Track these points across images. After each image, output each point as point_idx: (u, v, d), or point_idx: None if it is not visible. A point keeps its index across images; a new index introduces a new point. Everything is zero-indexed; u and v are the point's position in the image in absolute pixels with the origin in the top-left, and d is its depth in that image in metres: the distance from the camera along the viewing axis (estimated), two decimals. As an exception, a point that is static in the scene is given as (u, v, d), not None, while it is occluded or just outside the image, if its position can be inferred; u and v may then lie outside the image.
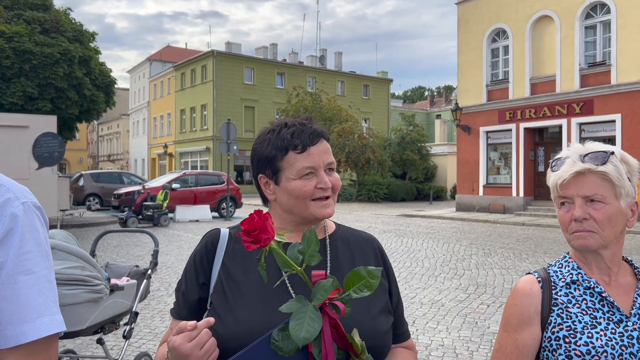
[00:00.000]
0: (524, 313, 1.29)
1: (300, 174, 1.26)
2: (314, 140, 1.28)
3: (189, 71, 42.83)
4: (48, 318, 0.98)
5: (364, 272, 1.05)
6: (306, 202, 1.27)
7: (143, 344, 5.02)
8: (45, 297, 0.99)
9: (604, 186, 1.24)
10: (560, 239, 13.08)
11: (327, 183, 1.27)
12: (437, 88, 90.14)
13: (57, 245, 3.09)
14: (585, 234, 1.24)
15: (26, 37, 15.79)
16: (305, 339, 0.98)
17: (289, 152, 1.27)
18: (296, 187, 1.26)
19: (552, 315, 1.27)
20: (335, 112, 30.44)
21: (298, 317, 1.00)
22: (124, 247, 11.47)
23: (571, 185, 1.25)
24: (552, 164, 1.32)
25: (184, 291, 1.32)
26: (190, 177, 20.70)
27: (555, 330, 1.25)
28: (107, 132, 66.48)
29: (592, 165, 1.24)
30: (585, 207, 1.24)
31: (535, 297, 1.29)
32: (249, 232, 0.99)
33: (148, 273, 3.76)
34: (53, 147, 11.99)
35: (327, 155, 1.30)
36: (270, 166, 1.30)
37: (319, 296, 1.02)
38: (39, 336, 0.95)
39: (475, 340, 5.18)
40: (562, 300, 1.28)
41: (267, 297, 1.22)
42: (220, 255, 1.31)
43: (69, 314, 3.03)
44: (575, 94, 18.30)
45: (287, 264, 1.04)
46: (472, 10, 21.95)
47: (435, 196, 30.57)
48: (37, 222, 1.01)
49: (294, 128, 1.29)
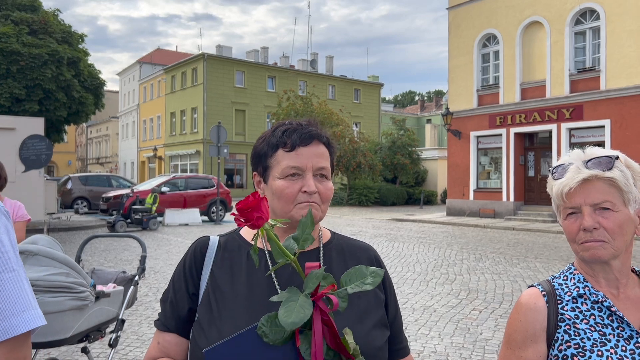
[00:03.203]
0: (528, 329, 1.22)
1: (285, 173, 1.19)
2: (305, 141, 1.21)
3: (179, 74, 42.65)
4: (33, 312, 1.04)
5: (366, 271, 1.00)
6: (289, 204, 1.20)
7: (130, 351, 4.91)
8: (27, 293, 1.05)
9: (612, 193, 1.17)
10: (551, 243, 13.11)
11: (311, 187, 1.18)
12: (427, 93, 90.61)
13: (41, 251, 2.99)
14: (596, 244, 1.17)
15: (14, 38, 15.60)
16: (294, 324, 0.91)
17: (278, 150, 1.22)
18: (279, 187, 1.20)
19: (559, 331, 1.20)
20: (326, 116, 30.43)
21: (288, 304, 0.95)
22: (112, 251, 11.32)
23: (578, 193, 1.18)
24: (552, 171, 1.25)
25: (172, 301, 1.25)
26: (180, 181, 20.55)
27: (563, 347, 1.18)
28: (96, 135, 65.98)
29: (598, 171, 1.17)
30: (595, 216, 1.17)
31: (540, 313, 1.22)
32: (242, 210, 0.95)
33: (135, 279, 3.66)
34: (40, 150, 11.83)
35: (318, 159, 1.21)
36: (261, 163, 1.25)
37: (311, 284, 0.97)
38: (27, 329, 1.02)
39: (468, 347, 5.13)
40: (569, 316, 1.21)
41: (254, 309, 1.15)
42: (209, 264, 1.24)
43: (52, 322, 2.93)
44: (565, 99, 18.41)
45: (280, 253, 0.98)
46: (463, 16, 22.04)
47: (425, 200, 30.64)
48: (8, 225, 1.07)
49: (289, 126, 1.24)
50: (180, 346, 1.24)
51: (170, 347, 1.24)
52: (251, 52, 44.44)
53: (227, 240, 1.28)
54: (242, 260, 1.23)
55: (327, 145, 1.26)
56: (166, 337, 1.24)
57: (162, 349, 1.24)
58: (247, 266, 1.22)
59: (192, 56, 41.35)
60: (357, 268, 1.01)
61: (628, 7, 16.91)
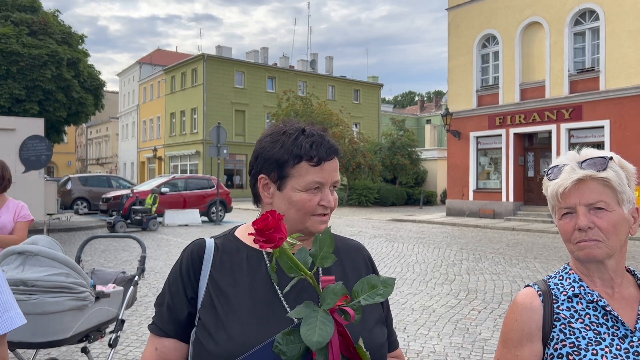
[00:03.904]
0: (524, 329, 1.23)
1: (308, 187, 1.20)
2: (329, 156, 1.22)
3: (179, 74, 42.67)
4: (14, 312, 1.08)
5: (377, 280, 1.01)
6: (306, 216, 1.22)
7: (130, 352, 4.93)
8: (7, 295, 1.09)
9: (606, 193, 1.19)
10: (550, 244, 13.12)
11: (331, 202, 1.23)
12: (427, 93, 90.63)
13: (41, 251, 3.00)
14: (591, 244, 1.19)
15: (14, 38, 15.61)
16: (319, 343, 0.93)
17: (302, 162, 1.20)
18: (301, 200, 1.21)
19: (555, 330, 1.21)
20: (325, 117, 30.45)
21: (309, 321, 0.96)
22: (111, 251, 11.33)
23: (572, 193, 1.20)
24: (548, 172, 1.27)
25: (170, 305, 1.23)
26: (180, 181, 20.55)
27: (558, 346, 1.20)
28: (96, 136, 66.00)
29: (592, 171, 1.19)
30: (589, 216, 1.18)
31: (536, 312, 1.23)
32: (262, 231, 0.95)
33: (135, 280, 3.68)
34: (40, 151, 11.84)
35: (335, 173, 1.25)
36: (277, 170, 1.22)
37: (329, 300, 0.98)
38: (11, 328, 1.06)
39: (467, 347, 5.14)
40: (564, 315, 1.22)
41: (259, 311, 1.16)
42: (207, 267, 1.23)
43: (52, 322, 2.95)
44: (565, 99, 18.43)
45: (294, 269, 0.99)
46: (463, 16, 22.06)
47: (425, 201, 30.64)
48: None
49: (314, 138, 1.22)
50: (180, 351, 1.22)
51: (169, 352, 1.22)
52: (251, 52, 44.46)
53: (223, 243, 1.27)
54: (242, 263, 1.23)
55: (339, 157, 1.28)
56: (164, 343, 1.22)
57: (161, 355, 1.22)
58: (248, 268, 1.22)
59: (192, 57, 41.39)
60: (368, 278, 1.02)
61: (627, 8, 16.93)
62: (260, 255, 1.24)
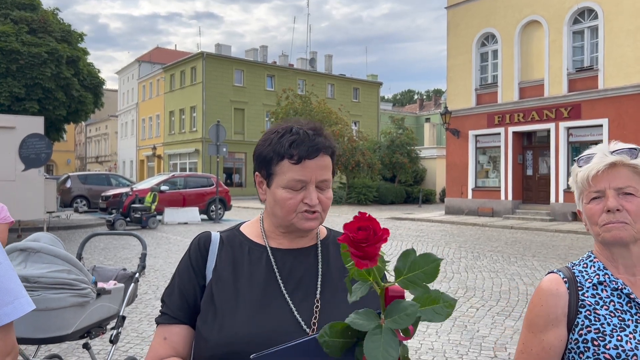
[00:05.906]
0: (550, 314, 1.28)
1: (289, 185, 1.22)
2: (311, 154, 1.21)
3: (178, 73, 42.64)
4: (24, 299, 1.13)
5: (438, 296, 0.91)
6: (290, 214, 1.23)
7: (130, 348, 4.96)
8: (16, 282, 1.13)
9: (636, 180, 1.25)
10: (548, 242, 13.16)
11: (313, 200, 1.21)
12: (426, 91, 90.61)
13: (43, 248, 3.04)
14: (618, 225, 1.24)
15: (13, 36, 15.62)
16: None
17: (284, 160, 1.22)
18: (282, 197, 1.22)
19: (580, 316, 1.26)
20: (325, 115, 30.45)
21: (373, 338, 0.87)
22: (111, 249, 11.36)
23: (603, 177, 1.26)
24: (579, 161, 1.33)
25: (182, 291, 1.25)
26: (179, 179, 20.56)
27: (583, 332, 1.24)
28: (95, 134, 65.96)
29: (624, 156, 1.25)
30: (618, 199, 1.24)
31: (562, 298, 1.28)
32: (359, 244, 0.84)
33: (136, 277, 3.71)
34: (40, 149, 11.85)
35: (322, 171, 1.23)
36: (265, 167, 1.26)
37: (400, 321, 0.88)
38: (21, 314, 1.11)
39: (465, 343, 5.18)
40: (589, 302, 1.27)
41: (258, 303, 1.19)
42: (213, 258, 1.27)
43: (54, 318, 2.98)
44: (563, 98, 18.46)
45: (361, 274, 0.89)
46: (462, 15, 22.08)
47: (424, 199, 30.67)
48: None
49: (296, 137, 1.23)
50: (189, 338, 1.24)
51: (178, 340, 1.22)
52: (250, 50, 44.39)
53: (228, 236, 1.32)
54: (243, 256, 1.27)
55: (331, 155, 1.27)
56: (174, 330, 1.23)
57: (171, 345, 1.22)
58: (249, 262, 1.26)
59: (191, 55, 41.34)
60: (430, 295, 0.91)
61: (626, 7, 16.95)
62: (262, 249, 1.28)
